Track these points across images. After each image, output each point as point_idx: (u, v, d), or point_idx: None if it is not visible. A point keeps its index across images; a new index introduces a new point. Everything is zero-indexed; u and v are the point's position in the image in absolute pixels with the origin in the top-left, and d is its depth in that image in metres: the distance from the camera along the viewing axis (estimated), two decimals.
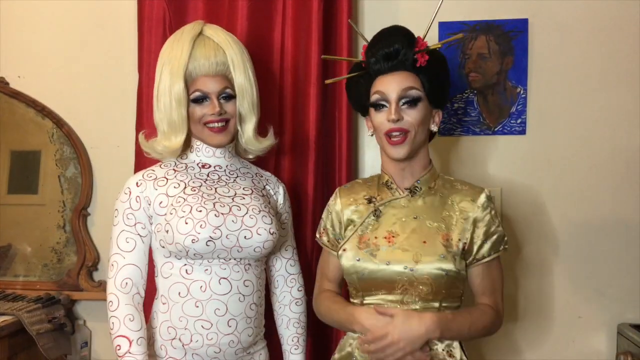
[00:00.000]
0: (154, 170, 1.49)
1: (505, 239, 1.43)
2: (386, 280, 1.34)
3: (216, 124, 1.45)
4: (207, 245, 1.37)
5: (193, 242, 1.36)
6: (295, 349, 1.63)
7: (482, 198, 1.41)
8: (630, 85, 1.91)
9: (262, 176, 1.62)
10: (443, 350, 1.34)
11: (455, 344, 1.36)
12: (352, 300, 1.46)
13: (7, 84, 2.19)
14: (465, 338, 1.38)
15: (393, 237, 1.37)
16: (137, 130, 1.92)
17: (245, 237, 1.42)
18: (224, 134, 1.47)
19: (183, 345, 1.41)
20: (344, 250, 1.42)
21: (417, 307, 1.33)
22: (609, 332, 1.91)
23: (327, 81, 1.59)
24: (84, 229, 2.14)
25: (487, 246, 1.39)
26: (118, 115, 2.11)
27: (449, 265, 1.32)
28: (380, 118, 1.38)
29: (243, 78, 1.48)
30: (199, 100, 1.45)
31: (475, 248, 1.38)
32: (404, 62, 1.37)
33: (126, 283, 1.40)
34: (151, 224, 1.44)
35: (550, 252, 1.96)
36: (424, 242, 1.34)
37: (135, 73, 1.97)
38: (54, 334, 1.95)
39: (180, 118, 1.45)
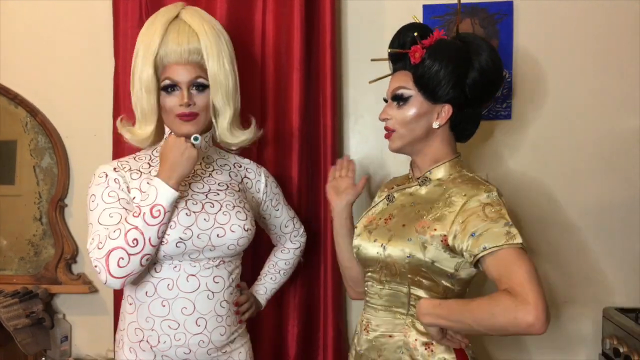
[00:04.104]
0: (127, 162, 1.44)
1: (513, 234, 1.20)
2: (369, 257, 1.38)
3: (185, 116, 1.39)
4: (176, 246, 1.32)
5: (161, 244, 1.30)
6: (258, 281, 1.67)
7: (479, 195, 1.27)
8: (615, 69, 1.90)
9: (240, 166, 1.56)
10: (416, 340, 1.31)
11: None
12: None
13: None
14: (465, 328, 1.22)
15: (389, 219, 1.39)
16: (115, 118, 1.86)
17: (217, 235, 1.36)
18: (192, 123, 1.38)
19: (151, 347, 1.36)
20: (356, 227, 1.48)
21: (388, 287, 1.35)
22: (595, 316, 1.92)
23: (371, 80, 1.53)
24: (61, 220, 2.09)
25: (470, 241, 1.22)
26: (94, 103, 2.05)
27: (413, 250, 1.29)
28: None
29: (217, 68, 1.39)
30: (169, 89, 1.38)
31: (464, 244, 1.23)
32: (404, 62, 1.38)
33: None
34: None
35: (535, 237, 1.95)
36: (403, 225, 1.34)
37: (111, 58, 1.92)
38: (32, 329, 1.91)
39: (149, 107, 1.39)
